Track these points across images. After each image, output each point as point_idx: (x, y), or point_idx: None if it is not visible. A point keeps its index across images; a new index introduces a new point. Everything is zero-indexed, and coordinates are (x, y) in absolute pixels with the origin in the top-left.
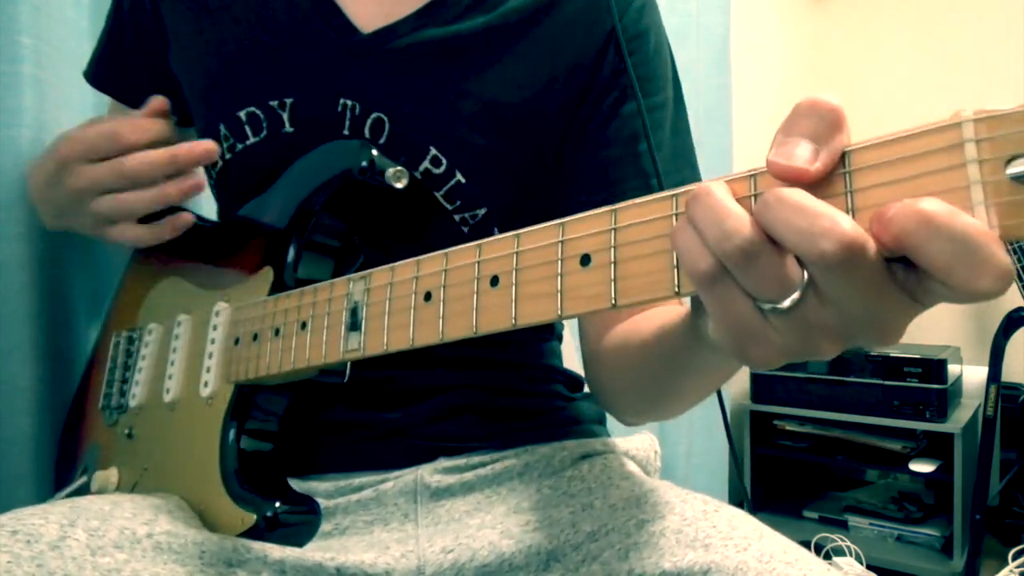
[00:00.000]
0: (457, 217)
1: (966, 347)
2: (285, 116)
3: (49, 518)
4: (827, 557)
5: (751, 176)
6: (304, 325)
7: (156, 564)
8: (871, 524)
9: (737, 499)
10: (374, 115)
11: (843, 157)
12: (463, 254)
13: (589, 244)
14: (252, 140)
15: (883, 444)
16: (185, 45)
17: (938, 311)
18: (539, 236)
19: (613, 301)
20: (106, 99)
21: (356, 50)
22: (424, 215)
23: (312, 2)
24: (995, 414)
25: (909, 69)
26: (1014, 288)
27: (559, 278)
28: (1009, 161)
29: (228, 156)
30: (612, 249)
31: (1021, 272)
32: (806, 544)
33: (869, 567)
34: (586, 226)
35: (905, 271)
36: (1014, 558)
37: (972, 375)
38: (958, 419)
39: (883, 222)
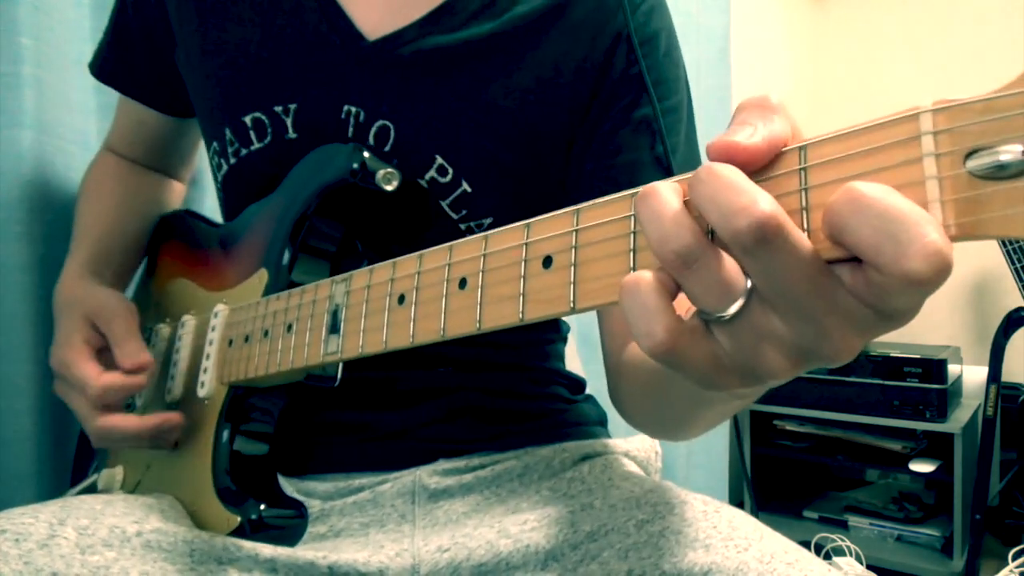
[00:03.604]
0: (463, 226)
1: (966, 347)
2: (289, 122)
3: (39, 517)
4: (827, 557)
5: None
6: (290, 327)
7: (146, 562)
8: (871, 524)
9: (737, 499)
10: (379, 123)
11: (800, 152)
12: (436, 255)
13: (552, 246)
14: (257, 146)
15: (883, 444)
16: (190, 46)
17: (938, 311)
18: (507, 237)
19: (572, 304)
20: (109, 98)
21: (361, 57)
22: (429, 224)
23: (318, 6)
24: (995, 414)
25: (909, 69)
26: (1014, 288)
27: (522, 280)
28: (969, 155)
29: (233, 161)
30: (573, 250)
31: (1021, 271)
32: (806, 544)
33: (869, 567)
34: (550, 227)
35: (851, 272)
36: (1014, 558)
37: (972, 375)
38: (958, 419)
39: (824, 211)
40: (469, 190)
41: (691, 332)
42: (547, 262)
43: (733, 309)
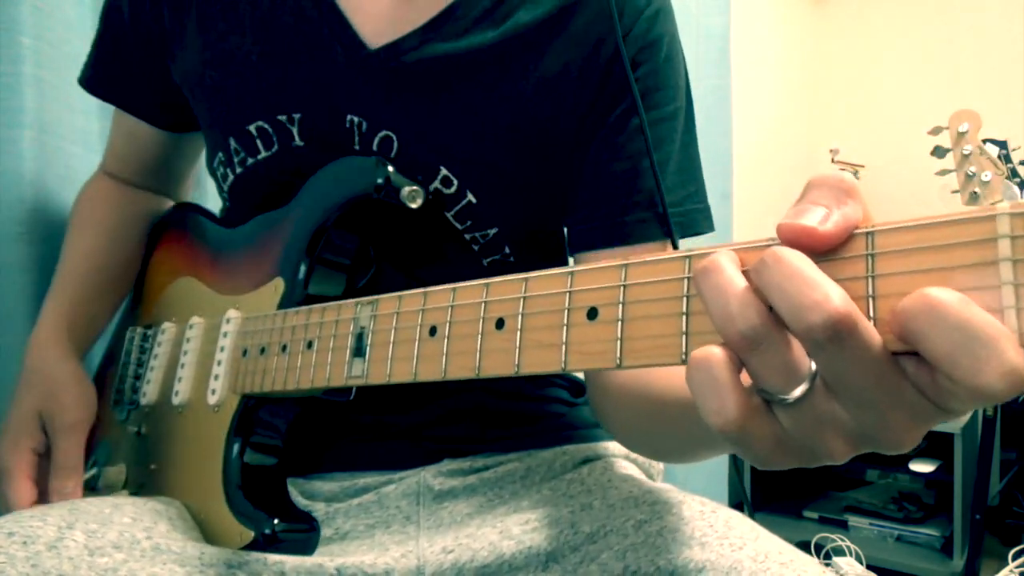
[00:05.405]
0: (467, 236)
1: None
2: (295, 131)
3: (47, 520)
4: (827, 557)
5: (769, 244)
6: (310, 344)
7: (155, 564)
8: (871, 524)
9: (737, 499)
10: (382, 133)
11: (867, 238)
12: (470, 291)
13: (597, 298)
14: (264, 154)
15: None
16: (190, 57)
17: None
18: (547, 283)
19: (618, 361)
20: None
21: (362, 66)
22: (434, 233)
23: (320, 15)
24: (995, 414)
25: (909, 69)
26: None
27: (564, 329)
28: None
29: (240, 171)
30: (620, 306)
31: None
32: (806, 544)
33: (869, 567)
34: (595, 278)
35: (917, 366)
36: (1014, 558)
37: None
38: (958, 419)
39: (895, 312)
40: (474, 201)
41: (755, 411)
42: (592, 314)
43: (797, 393)
